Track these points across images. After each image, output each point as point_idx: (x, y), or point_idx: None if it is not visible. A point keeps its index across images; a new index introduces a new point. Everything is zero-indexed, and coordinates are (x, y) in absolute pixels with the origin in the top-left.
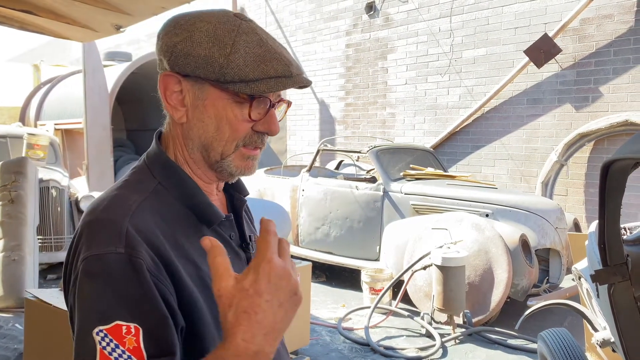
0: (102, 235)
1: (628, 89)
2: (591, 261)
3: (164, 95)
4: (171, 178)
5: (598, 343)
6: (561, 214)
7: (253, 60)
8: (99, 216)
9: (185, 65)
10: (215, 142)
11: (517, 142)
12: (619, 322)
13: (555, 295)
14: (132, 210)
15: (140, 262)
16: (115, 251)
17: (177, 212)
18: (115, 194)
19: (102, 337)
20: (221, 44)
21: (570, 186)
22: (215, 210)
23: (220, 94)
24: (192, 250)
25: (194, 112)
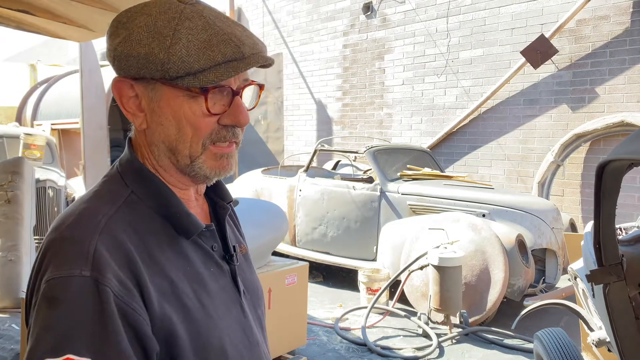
0: (67, 255)
1: (624, 90)
2: (587, 261)
3: (120, 102)
4: (145, 186)
5: (594, 343)
6: (557, 214)
7: (197, 48)
8: (64, 234)
9: (129, 68)
10: (180, 144)
11: (514, 142)
12: (614, 322)
13: (551, 296)
14: (102, 226)
15: (107, 289)
16: (80, 274)
17: (153, 224)
18: (83, 207)
19: None
20: (161, 36)
21: (567, 186)
22: (193, 220)
23: (173, 91)
24: (168, 265)
25: (152, 116)
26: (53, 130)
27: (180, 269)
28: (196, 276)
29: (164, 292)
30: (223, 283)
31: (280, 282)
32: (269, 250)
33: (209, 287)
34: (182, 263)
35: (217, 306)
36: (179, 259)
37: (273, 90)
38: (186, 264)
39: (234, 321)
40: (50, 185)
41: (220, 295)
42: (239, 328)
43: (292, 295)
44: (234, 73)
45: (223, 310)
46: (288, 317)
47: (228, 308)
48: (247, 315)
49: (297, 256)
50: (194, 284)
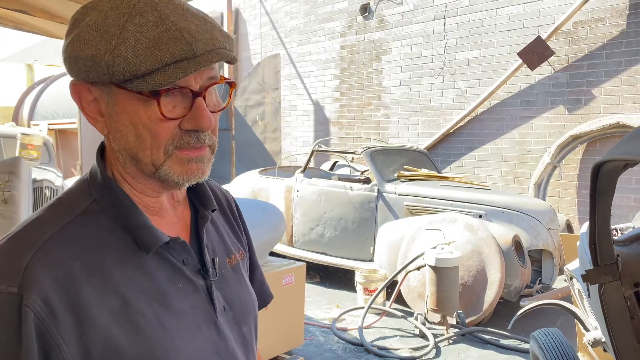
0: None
1: (620, 92)
2: (582, 261)
3: (80, 107)
4: (107, 196)
5: (589, 343)
6: (554, 215)
7: (145, 47)
8: (4, 245)
9: (79, 71)
10: (140, 152)
11: (511, 143)
12: (609, 322)
13: (547, 296)
14: (45, 240)
15: (28, 311)
16: (7, 290)
17: (111, 237)
18: (37, 216)
19: None
20: (108, 35)
21: (563, 187)
22: (153, 233)
23: (126, 95)
24: (124, 282)
25: (110, 120)
26: (50, 131)
27: (137, 285)
28: (157, 293)
29: (115, 312)
30: (195, 300)
31: (278, 282)
32: (267, 251)
33: (173, 305)
34: (142, 279)
35: (183, 326)
36: (138, 275)
37: (271, 91)
38: (146, 279)
39: (204, 342)
40: (47, 186)
41: (190, 315)
42: (211, 349)
43: (290, 296)
44: (182, 74)
45: (190, 331)
46: (285, 318)
47: (198, 327)
48: (224, 335)
49: (294, 257)
50: (154, 303)
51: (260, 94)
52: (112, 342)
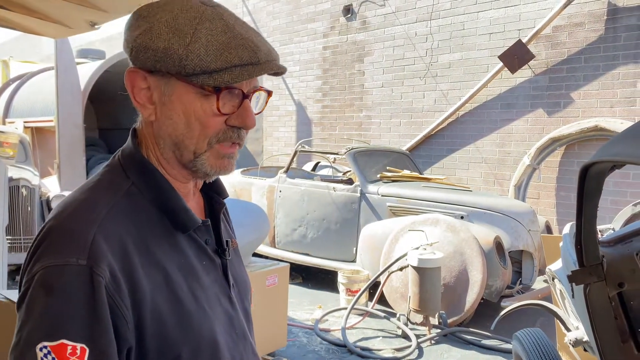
0: (65, 244)
1: (598, 95)
2: (566, 262)
3: (131, 93)
4: (146, 180)
5: (571, 342)
6: (534, 216)
7: (216, 48)
8: (64, 223)
9: (146, 60)
10: (187, 139)
11: (491, 145)
12: (594, 322)
13: (528, 297)
14: (101, 217)
15: (100, 279)
16: (77, 263)
17: (150, 217)
18: (84, 197)
19: (45, 354)
20: (181, 33)
21: (542, 189)
22: (191, 216)
23: (186, 87)
24: (163, 258)
25: (162, 109)
26: (26, 129)
27: (175, 261)
28: (190, 269)
29: (158, 285)
30: (214, 276)
31: (261, 283)
32: (250, 251)
33: (201, 279)
34: (177, 256)
35: (209, 298)
36: (174, 252)
37: None
38: (181, 257)
39: (223, 313)
40: (24, 184)
41: (212, 288)
42: (228, 320)
43: (273, 297)
44: (247, 76)
45: (213, 302)
46: (268, 319)
47: (218, 300)
48: (236, 307)
49: (277, 257)
50: (188, 277)
51: None
52: (158, 311)
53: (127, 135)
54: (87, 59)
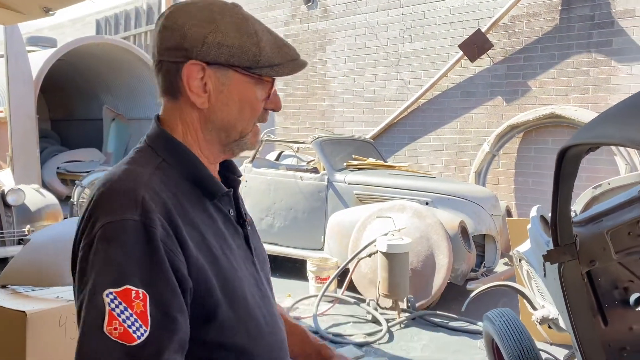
0: (119, 203)
1: (554, 84)
2: (536, 243)
3: (187, 84)
4: (175, 155)
5: (538, 320)
6: (496, 201)
7: (273, 45)
8: (114, 186)
9: (219, 55)
10: (238, 122)
11: (452, 133)
12: (568, 298)
13: (492, 279)
14: (145, 180)
15: (154, 230)
16: (132, 218)
17: (182, 186)
18: (125, 167)
19: (112, 299)
20: (247, 33)
21: (501, 175)
22: (217, 183)
23: (244, 78)
24: (198, 221)
25: (218, 96)
26: None
27: (207, 225)
28: (220, 233)
29: (197, 243)
30: (239, 242)
31: None
32: None
33: (230, 244)
34: (209, 220)
35: (237, 260)
36: (206, 217)
37: None
38: (212, 221)
39: (250, 275)
40: None
41: (238, 252)
42: (254, 281)
43: None
44: (297, 70)
45: (241, 265)
46: None
47: (245, 263)
48: (259, 272)
49: None
50: (219, 239)
51: None
52: (201, 265)
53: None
54: (38, 46)
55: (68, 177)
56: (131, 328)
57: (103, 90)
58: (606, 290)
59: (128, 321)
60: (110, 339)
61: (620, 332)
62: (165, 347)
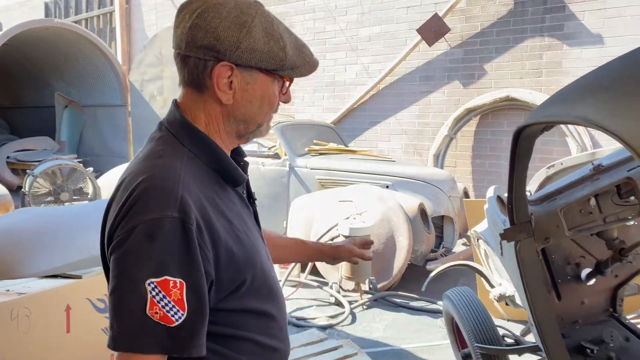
0: (160, 201)
1: (509, 67)
2: (493, 222)
3: (216, 83)
4: (200, 147)
5: (495, 298)
6: (453, 183)
7: (294, 47)
8: (156, 183)
9: (250, 59)
10: (258, 116)
11: (411, 117)
12: (524, 276)
13: (451, 259)
14: (182, 178)
15: (190, 227)
16: (171, 215)
17: (209, 175)
18: (162, 162)
19: (153, 288)
20: (274, 37)
21: (459, 158)
22: (240, 173)
23: (267, 78)
24: (224, 207)
25: (242, 94)
26: None
27: (231, 210)
28: (240, 215)
29: (225, 229)
30: (252, 222)
31: None
32: None
33: (247, 222)
34: (231, 205)
35: (255, 238)
36: (229, 202)
37: (169, 65)
38: (234, 206)
39: (262, 249)
40: None
41: (253, 230)
42: (266, 257)
43: None
44: (312, 70)
45: (258, 242)
46: None
47: (257, 238)
48: (266, 246)
49: None
50: (240, 221)
51: (158, 68)
52: (229, 248)
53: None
54: None
55: (19, 166)
56: (170, 312)
57: (55, 77)
58: (559, 267)
59: (167, 307)
60: (153, 320)
61: (572, 306)
62: (198, 329)
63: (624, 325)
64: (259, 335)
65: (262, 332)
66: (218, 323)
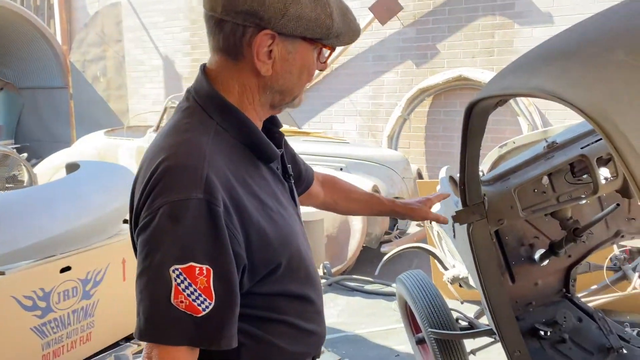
0: (184, 181)
1: (461, 46)
2: (445, 204)
3: (256, 52)
4: (230, 120)
5: (449, 280)
6: (407, 164)
7: (340, 14)
8: (180, 162)
9: (296, 27)
10: (295, 87)
11: (364, 98)
12: (477, 258)
13: (405, 240)
14: (207, 155)
15: (217, 209)
16: (197, 197)
17: (238, 151)
18: (187, 138)
19: (177, 275)
20: (321, 2)
21: (412, 139)
22: (273, 149)
23: (309, 46)
24: (255, 186)
25: (282, 64)
26: None
27: (263, 188)
28: (273, 193)
29: (257, 209)
30: (287, 198)
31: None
32: (120, 218)
33: (282, 202)
34: (264, 183)
35: (290, 217)
36: (262, 180)
37: (112, 44)
38: (266, 184)
39: (298, 229)
40: None
41: (289, 208)
42: (301, 235)
43: None
44: (355, 38)
45: (294, 221)
46: None
47: (293, 218)
48: (302, 223)
49: None
50: (273, 200)
51: (100, 47)
52: (262, 230)
53: None
54: None
55: None
56: (196, 302)
57: None
58: (513, 248)
59: (192, 295)
60: (179, 309)
61: (526, 288)
62: (228, 319)
63: (577, 306)
64: (296, 319)
65: (300, 315)
66: (253, 306)
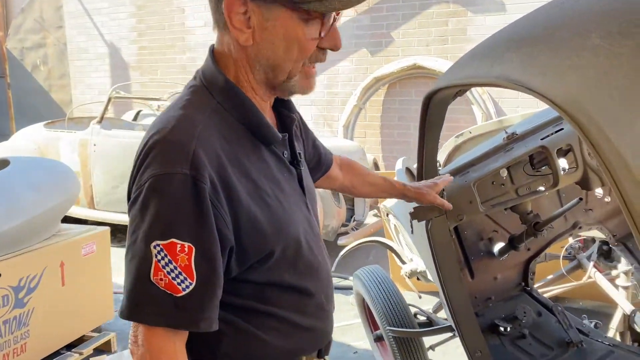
0: (171, 155)
1: (415, 34)
2: None
3: (228, 17)
4: (231, 100)
5: (406, 274)
6: (363, 154)
7: None
8: (168, 136)
9: None
10: (285, 62)
11: (319, 87)
12: (436, 255)
13: (362, 232)
14: (199, 132)
15: (203, 186)
16: (182, 172)
17: (237, 132)
18: (181, 114)
19: (158, 251)
20: None
21: (368, 128)
22: (273, 131)
23: (291, 14)
24: (251, 168)
25: (262, 33)
26: None
27: (261, 172)
28: (273, 179)
29: (250, 192)
30: (293, 185)
31: (76, 253)
32: (58, 217)
33: (284, 188)
34: (263, 166)
35: (291, 205)
36: (260, 163)
37: (53, 31)
38: (266, 167)
39: (302, 217)
40: None
41: (293, 196)
42: (307, 222)
43: (92, 266)
44: (352, 4)
45: (296, 208)
46: (89, 292)
47: (298, 206)
48: (311, 212)
49: (98, 220)
50: (272, 185)
51: (40, 34)
52: (252, 213)
53: None
54: None
55: None
56: (175, 280)
57: None
58: (472, 243)
59: (172, 273)
60: (159, 288)
61: (485, 283)
62: (209, 300)
63: (536, 299)
64: (288, 312)
65: (294, 309)
66: (241, 295)
